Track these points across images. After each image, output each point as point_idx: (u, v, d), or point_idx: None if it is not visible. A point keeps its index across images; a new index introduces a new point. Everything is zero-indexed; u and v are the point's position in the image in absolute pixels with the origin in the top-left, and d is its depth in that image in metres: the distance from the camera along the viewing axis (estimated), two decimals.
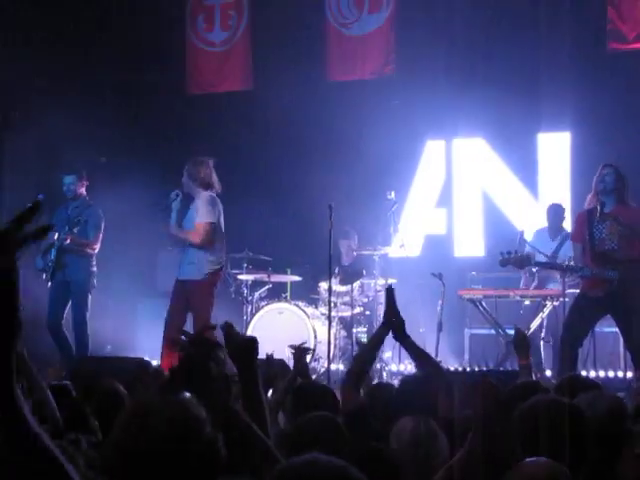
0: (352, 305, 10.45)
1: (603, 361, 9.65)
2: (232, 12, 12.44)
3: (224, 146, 10.99)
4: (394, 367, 10.12)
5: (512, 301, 9.62)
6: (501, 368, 8.19)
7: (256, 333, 9.24)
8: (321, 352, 9.88)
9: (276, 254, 10.51)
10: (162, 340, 8.44)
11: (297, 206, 11.24)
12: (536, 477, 2.44)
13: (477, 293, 9.71)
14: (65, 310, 9.46)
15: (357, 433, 3.47)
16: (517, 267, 8.86)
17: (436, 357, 7.55)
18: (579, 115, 10.95)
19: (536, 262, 8.65)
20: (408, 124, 11.57)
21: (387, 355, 10.10)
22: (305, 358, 5.19)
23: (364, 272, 10.64)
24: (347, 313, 10.49)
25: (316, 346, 9.89)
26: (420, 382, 4.61)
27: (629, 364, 8.78)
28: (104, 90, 11.65)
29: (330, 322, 9.05)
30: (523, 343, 5.23)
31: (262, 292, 10.69)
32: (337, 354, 10.13)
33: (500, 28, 11.24)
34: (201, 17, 12.60)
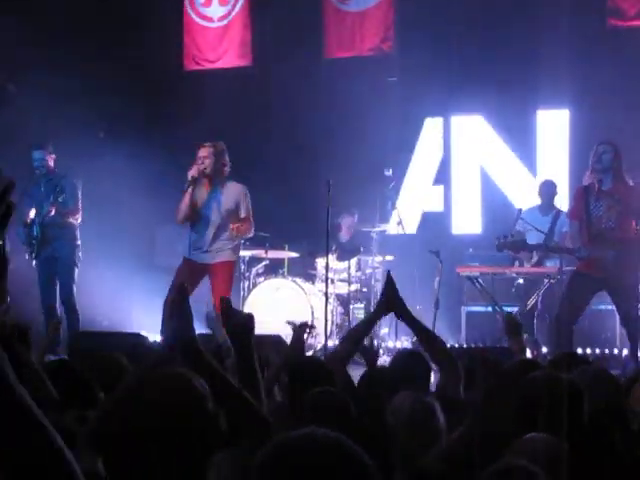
0: (349, 282, 10.46)
1: (599, 339, 9.68)
2: None
3: (221, 122, 10.94)
4: (390, 344, 10.14)
5: (509, 278, 9.62)
6: (498, 345, 8.18)
7: (253, 309, 9.23)
8: (318, 328, 9.89)
9: (274, 230, 10.49)
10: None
11: (294, 182, 11.22)
12: (535, 453, 2.44)
13: (474, 270, 9.71)
14: (57, 287, 9.40)
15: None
16: (513, 251, 8.92)
17: None
18: (578, 92, 10.91)
19: (531, 245, 8.67)
20: (406, 101, 11.54)
21: (384, 331, 10.12)
22: (305, 337, 5.20)
23: (362, 249, 10.64)
24: (344, 290, 10.50)
25: (313, 322, 9.89)
26: (413, 356, 4.65)
27: (625, 342, 8.81)
28: (101, 65, 11.57)
29: (327, 299, 9.06)
30: (514, 329, 5.06)
31: (259, 268, 10.68)
32: (334, 330, 10.16)
33: (499, 4, 11.20)
34: None
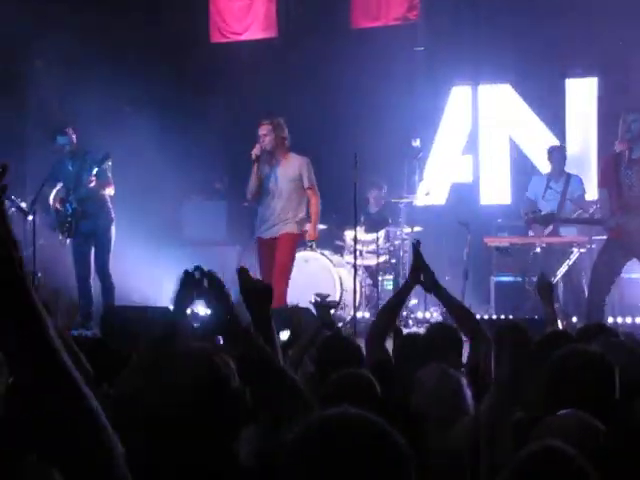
0: (377, 253, 10.45)
1: (631, 308, 9.63)
2: None
3: (247, 95, 10.92)
4: (420, 314, 10.14)
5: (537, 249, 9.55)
6: (527, 316, 8.14)
7: None
8: (347, 300, 9.90)
9: None
10: None
11: (322, 155, 11.17)
12: (566, 430, 2.41)
13: (503, 241, 9.66)
14: (92, 262, 9.46)
15: (382, 385, 3.46)
16: (543, 225, 8.91)
17: None
18: (607, 60, 10.79)
19: (560, 218, 8.64)
20: (433, 70, 11.46)
21: (413, 302, 10.10)
22: (329, 314, 5.17)
23: (390, 220, 10.62)
24: (373, 261, 10.49)
25: (342, 294, 9.91)
26: (445, 329, 4.61)
27: None
28: (127, 40, 11.57)
29: (356, 271, 9.05)
30: (547, 290, 5.17)
31: None
32: (362, 302, 10.16)
33: None
34: None
